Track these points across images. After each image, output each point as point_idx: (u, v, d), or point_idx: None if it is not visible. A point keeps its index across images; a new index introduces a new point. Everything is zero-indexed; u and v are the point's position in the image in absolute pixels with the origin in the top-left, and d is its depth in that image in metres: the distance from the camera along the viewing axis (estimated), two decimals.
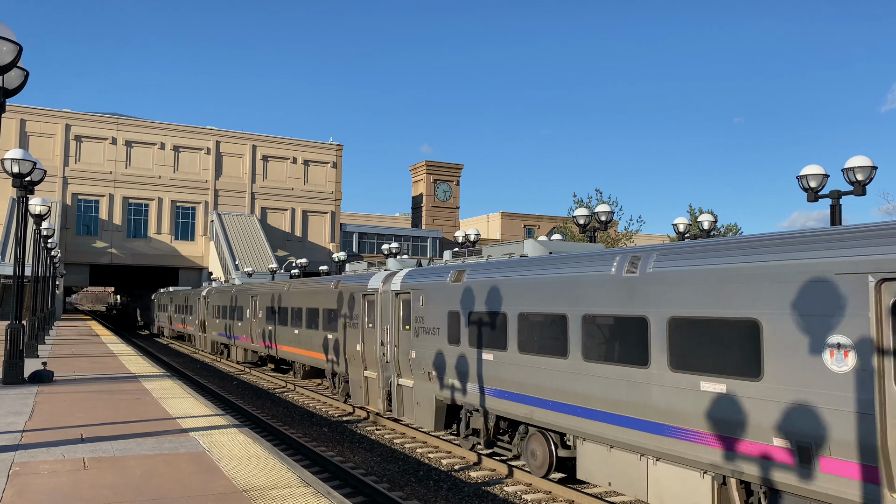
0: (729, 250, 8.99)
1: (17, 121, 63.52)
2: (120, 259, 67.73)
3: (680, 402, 9.24)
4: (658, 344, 9.65)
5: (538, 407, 12.15)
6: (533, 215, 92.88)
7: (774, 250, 8.39)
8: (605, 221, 24.38)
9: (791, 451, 7.89)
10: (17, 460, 8.96)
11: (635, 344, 10.09)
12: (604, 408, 10.59)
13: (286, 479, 8.24)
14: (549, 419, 11.92)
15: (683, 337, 9.30)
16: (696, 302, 9.15)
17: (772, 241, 8.57)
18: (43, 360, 20.48)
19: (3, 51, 9.30)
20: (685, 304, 9.30)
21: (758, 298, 8.37)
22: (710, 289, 8.98)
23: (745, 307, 8.52)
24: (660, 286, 9.74)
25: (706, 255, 9.28)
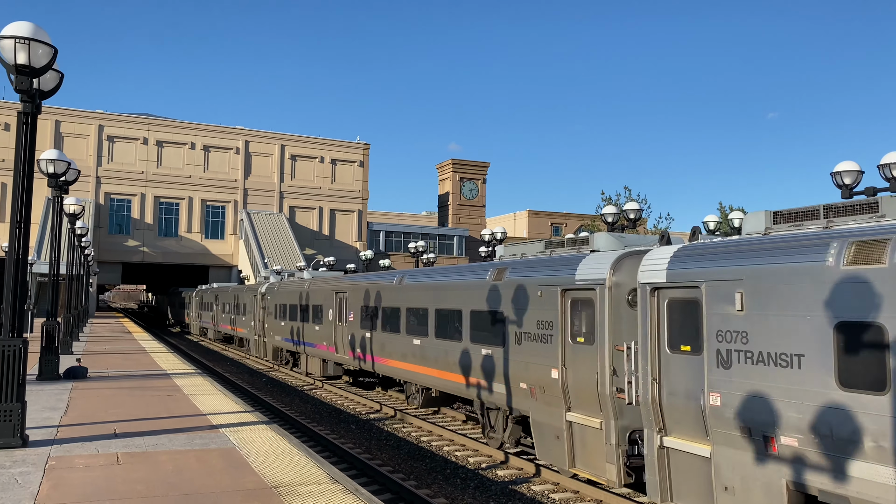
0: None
1: (53, 122, 64.82)
2: (151, 257, 68.80)
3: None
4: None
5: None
6: (560, 213, 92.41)
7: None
8: (633, 219, 24.18)
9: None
10: (53, 454, 9.14)
11: None
12: None
13: (315, 476, 8.30)
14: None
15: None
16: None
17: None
18: (77, 357, 20.89)
19: (39, 54, 9.48)
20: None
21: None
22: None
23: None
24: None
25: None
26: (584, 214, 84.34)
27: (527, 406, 13.16)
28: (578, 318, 11.95)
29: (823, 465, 7.79)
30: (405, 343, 18.79)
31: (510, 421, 14.30)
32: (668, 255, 10.14)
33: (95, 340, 31.36)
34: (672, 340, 9.89)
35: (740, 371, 8.78)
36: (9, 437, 9.40)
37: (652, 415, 10.01)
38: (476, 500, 11.87)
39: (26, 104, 9.75)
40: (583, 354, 11.68)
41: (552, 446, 12.42)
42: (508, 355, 13.70)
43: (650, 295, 10.11)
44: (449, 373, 16.47)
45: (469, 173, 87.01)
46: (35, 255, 50.94)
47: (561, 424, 12.09)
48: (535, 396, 12.87)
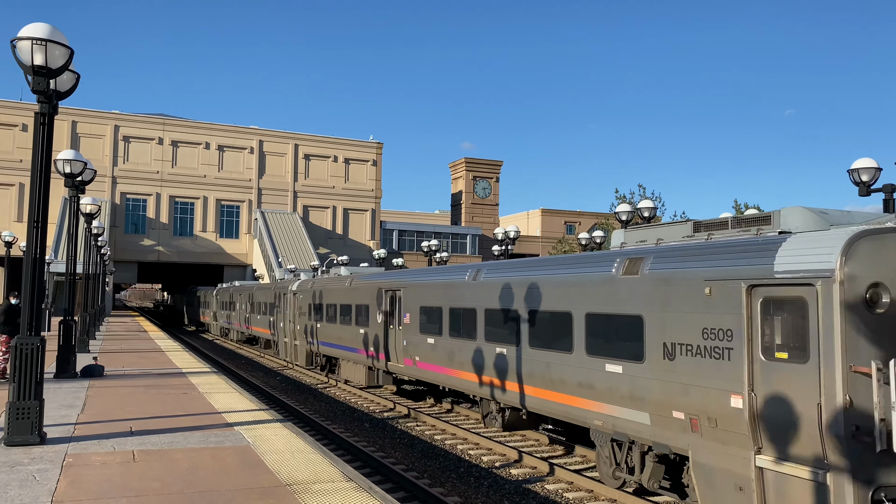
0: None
1: (69, 122, 65.43)
2: (167, 257, 69.30)
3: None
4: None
5: None
6: (574, 212, 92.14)
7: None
8: (648, 217, 24.06)
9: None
10: (71, 452, 9.23)
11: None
12: None
13: (329, 474, 8.33)
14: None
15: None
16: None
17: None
18: (94, 355, 21.09)
19: (56, 55, 9.57)
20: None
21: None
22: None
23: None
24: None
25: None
26: (597, 213, 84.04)
27: (683, 442, 9.86)
28: (778, 325, 8.68)
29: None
30: (483, 352, 15.39)
31: (650, 458, 11.05)
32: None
33: (112, 339, 31.65)
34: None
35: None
36: (27, 435, 9.50)
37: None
38: (490, 498, 11.86)
39: (43, 105, 9.84)
40: (788, 376, 8.38)
41: (730, 499, 9.13)
42: (652, 373, 10.46)
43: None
44: (551, 391, 13.10)
45: (482, 172, 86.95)
46: (52, 254, 51.48)
47: (746, 472, 8.83)
48: (698, 430, 9.64)
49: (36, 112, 9.91)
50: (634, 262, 11.16)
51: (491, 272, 15.69)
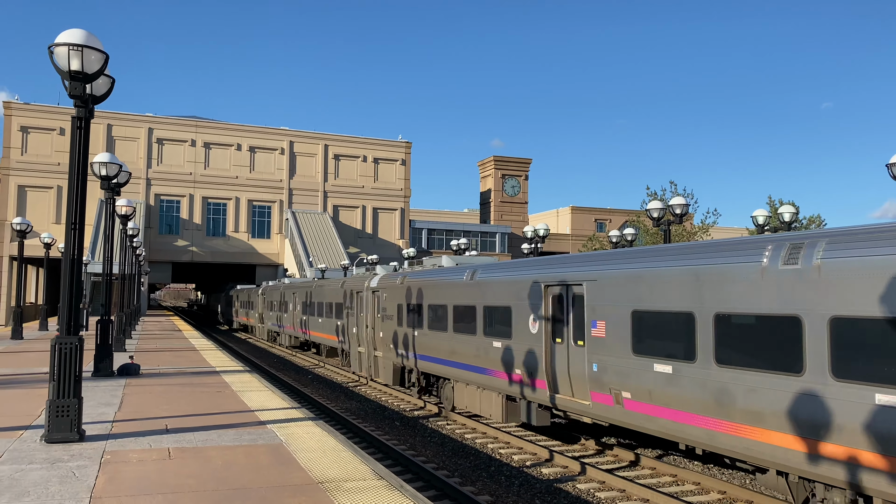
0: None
1: (105, 126, 66.71)
2: (200, 257, 70.30)
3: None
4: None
5: None
6: (604, 209, 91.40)
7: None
8: (680, 214, 23.77)
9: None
10: (108, 449, 9.42)
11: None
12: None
13: (360, 472, 8.38)
14: None
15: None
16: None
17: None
18: (130, 354, 21.48)
19: (92, 60, 9.76)
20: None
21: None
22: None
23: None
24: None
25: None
26: (628, 210, 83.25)
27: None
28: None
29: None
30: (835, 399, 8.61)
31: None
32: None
33: (147, 338, 32.21)
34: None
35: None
36: (66, 432, 9.71)
37: None
38: (521, 498, 11.83)
39: (80, 109, 10.04)
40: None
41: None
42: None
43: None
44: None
45: (511, 170, 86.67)
46: (89, 255, 52.55)
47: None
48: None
49: (73, 116, 10.11)
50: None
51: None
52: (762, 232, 27.05)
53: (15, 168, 64.22)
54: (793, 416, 9.00)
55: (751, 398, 9.61)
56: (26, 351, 24.67)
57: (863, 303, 8.27)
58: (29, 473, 8.08)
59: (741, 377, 9.78)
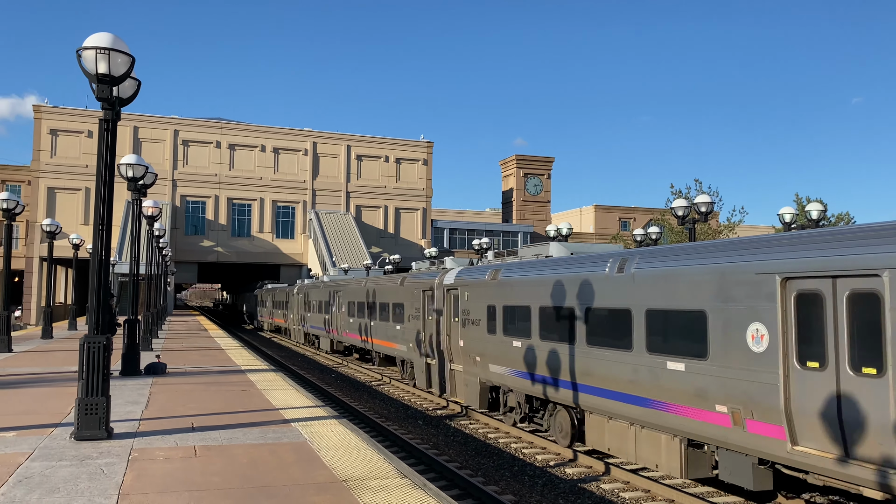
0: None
1: (131, 128, 67.66)
2: (225, 257, 71.03)
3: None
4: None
5: None
6: (628, 207, 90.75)
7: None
8: (705, 213, 23.53)
9: None
10: (136, 447, 9.55)
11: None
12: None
13: (384, 470, 8.40)
14: None
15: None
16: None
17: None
18: (157, 353, 21.75)
19: (118, 62, 9.90)
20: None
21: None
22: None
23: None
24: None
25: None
26: (652, 208, 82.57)
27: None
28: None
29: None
30: None
31: None
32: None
33: (173, 337, 32.59)
34: None
35: None
36: (95, 430, 9.86)
37: None
38: (544, 497, 11.78)
39: (107, 111, 10.19)
40: None
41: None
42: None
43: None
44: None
45: (533, 169, 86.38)
46: (117, 256, 53.30)
47: None
48: None
49: (100, 118, 10.26)
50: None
51: None
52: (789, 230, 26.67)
53: (44, 170, 65.39)
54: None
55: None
56: (56, 350, 25.10)
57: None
58: (59, 470, 8.22)
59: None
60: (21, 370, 18.55)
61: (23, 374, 17.61)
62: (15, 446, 9.47)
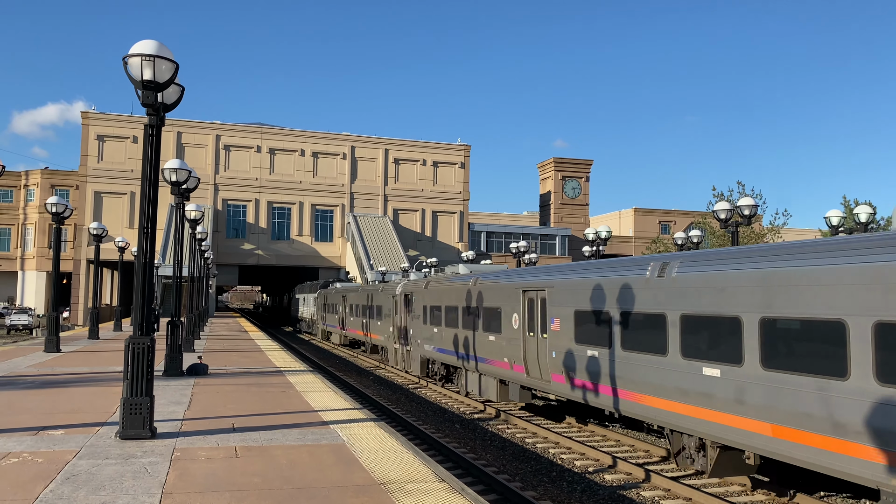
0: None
1: (175, 133, 69.12)
2: (265, 260, 72.03)
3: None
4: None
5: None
6: (668, 210, 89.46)
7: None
8: (748, 216, 23.06)
9: None
10: (178, 446, 9.70)
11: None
12: None
13: (421, 474, 8.39)
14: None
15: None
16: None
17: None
18: (199, 355, 22.13)
19: (163, 69, 10.11)
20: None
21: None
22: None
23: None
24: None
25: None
26: (694, 211, 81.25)
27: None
28: None
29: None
30: None
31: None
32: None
33: (215, 339, 33.13)
34: None
35: None
36: (139, 429, 10.05)
37: None
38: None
39: (152, 117, 10.41)
40: None
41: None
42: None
43: None
44: None
45: (571, 172, 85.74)
46: (160, 258, 54.47)
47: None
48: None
49: (145, 124, 10.49)
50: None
51: None
52: (836, 233, 25.98)
53: (92, 175, 67.18)
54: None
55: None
56: (102, 350, 25.72)
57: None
58: (104, 468, 8.40)
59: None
60: (69, 370, 19.05)
61: (70, 374, 18.08)
62: (63, 444, 9.71)
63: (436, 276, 26.53)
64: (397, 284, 29.70)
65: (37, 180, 76.95)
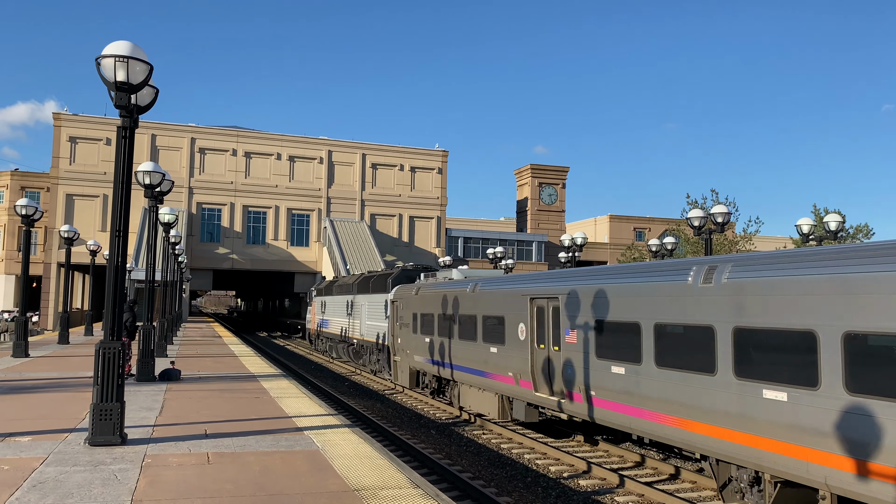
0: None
1: (149, 136, 68.32)
2: (240, 264, 71.38)
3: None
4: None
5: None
6: (643, 217, 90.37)
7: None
8: (721, 223, 23.35)
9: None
10: (149, 453, 9.56)
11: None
12: None
13: (396, 480, 8.36)
14: None
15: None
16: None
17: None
18: (171, 360, 21.85)
19: (137, 70, 9.99)
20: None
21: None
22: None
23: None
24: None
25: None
26: (668, 219, 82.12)
27: None
28: None
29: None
30: None
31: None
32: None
33: (188, 344, 32.75)
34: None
35: None
36: (109, 435, 9.89)
37: None
38: None
39: (125, 119, 10.27)
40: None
41: None
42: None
43: None
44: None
45: (548, 178, 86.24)
46: (133, 262, 53.71)
47: None
48: None
49: (118, 126, 10.35)
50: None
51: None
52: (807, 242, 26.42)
53: (63, 177, 66.14)
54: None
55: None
56: (72, 355, 25.29)
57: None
58: (73, 475, 8.25)
59: None
60: (37, 375, 18.70)
61: (39, 379, 17.74)
62: (30, 451, 9.52)
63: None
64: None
65: (6, 182, 75.58)
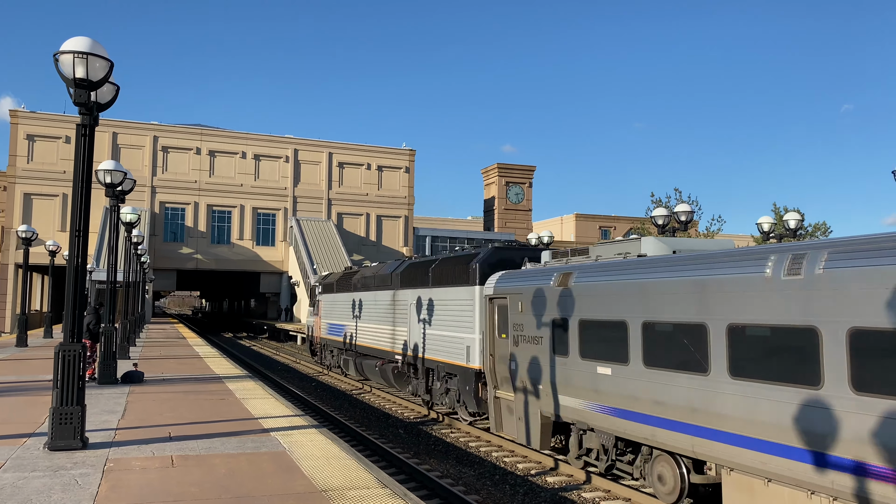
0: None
1: (110, 134, 67.00)
2: (205, 264, 70.41)
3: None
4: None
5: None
6: (608, 216, 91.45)
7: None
8: (685, 221, 23.73)
9: None
10: (111, 456, 9.38)
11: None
12: None
13: (364, 480, 8.33)
14: None
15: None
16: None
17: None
18: (134, 362, 21.47)
19: (97, 67, 9.77)
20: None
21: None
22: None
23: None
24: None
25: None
26: (633, 217, 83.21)
27: None
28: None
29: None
30: None
31: None
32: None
33: (151, 345, 32.21)
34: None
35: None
36: (69, 440, 9.68)
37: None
38: None
39: (84, 116, 10.05)
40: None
41: None
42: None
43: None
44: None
45: (515, 177, 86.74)
46: (94, 262, 52.63)
47: None
48: None
49: (78, 124, 10.13)
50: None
51: None
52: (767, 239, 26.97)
53: (21, 176, 64.52)
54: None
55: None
56: (31, 358, 24.69)
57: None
58: (32, 481, 8.06)
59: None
60: None
61: None
62: None
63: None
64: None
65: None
